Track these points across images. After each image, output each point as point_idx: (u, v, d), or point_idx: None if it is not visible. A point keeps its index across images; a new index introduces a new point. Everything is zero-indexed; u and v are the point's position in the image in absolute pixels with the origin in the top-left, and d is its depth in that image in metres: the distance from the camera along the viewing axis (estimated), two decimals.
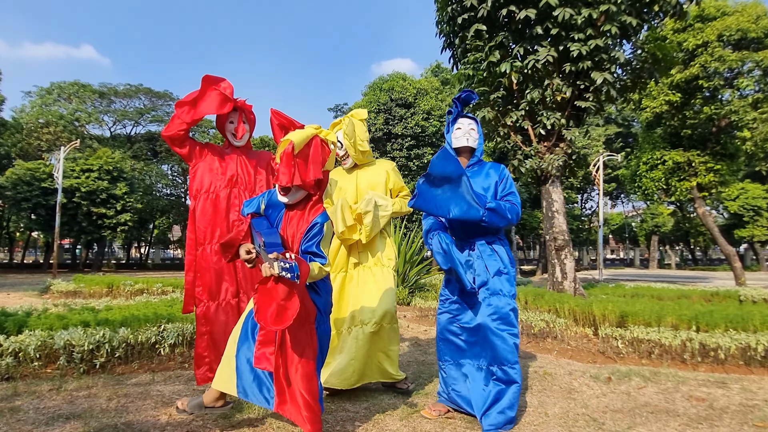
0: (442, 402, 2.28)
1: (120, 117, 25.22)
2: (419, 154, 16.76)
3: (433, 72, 25.79)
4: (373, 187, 2.57)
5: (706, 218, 11.65)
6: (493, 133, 7.24)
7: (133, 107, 25.57)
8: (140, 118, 25.84)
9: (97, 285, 7.92)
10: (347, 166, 2.63)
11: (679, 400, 2.50)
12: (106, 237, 18.61)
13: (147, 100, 25.79)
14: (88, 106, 22.99)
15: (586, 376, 2.93)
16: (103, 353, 3.02)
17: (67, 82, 22.86)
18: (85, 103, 22.79)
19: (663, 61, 6.65)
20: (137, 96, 25.17)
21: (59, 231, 14.14)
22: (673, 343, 3.45)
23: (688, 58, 10.69)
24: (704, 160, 11.44)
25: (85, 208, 17.24)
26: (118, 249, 39.09)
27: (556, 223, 6.27)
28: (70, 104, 22.23)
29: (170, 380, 2.78)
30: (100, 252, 21.70)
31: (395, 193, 2.65)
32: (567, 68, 5.89)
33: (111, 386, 2.62)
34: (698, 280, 15.24)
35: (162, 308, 4.24)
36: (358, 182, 2.60)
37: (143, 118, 25.98)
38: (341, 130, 2.54)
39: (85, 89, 22.81)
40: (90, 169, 17.54)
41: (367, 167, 2.63)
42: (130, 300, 5.84)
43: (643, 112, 12.02)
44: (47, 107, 21.93)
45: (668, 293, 6.70)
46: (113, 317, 3.54)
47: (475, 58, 6.28)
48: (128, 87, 24.55)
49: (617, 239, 41.64)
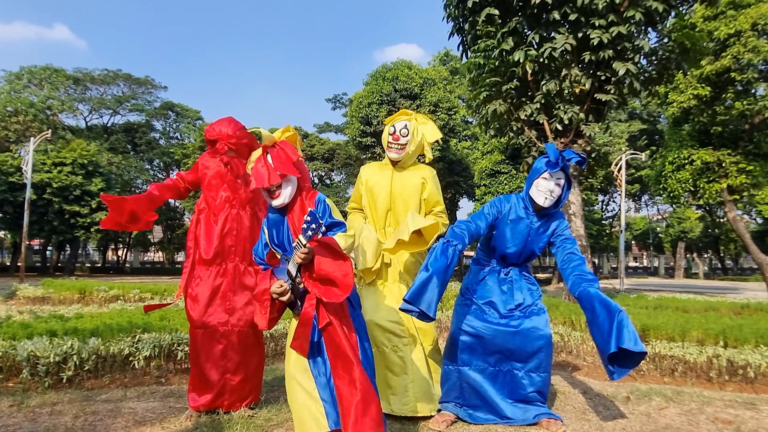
0: (449, 410, 2.33)
1: (96, 105, 25.29)
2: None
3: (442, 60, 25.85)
4: (408, 193, 2.50)
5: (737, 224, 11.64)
6: (506, 127, 7.24)
7: (111, 95, 25.64)
8: (119, 106, 25.92)
9: (68, 290, 7.92)
10: (392, 157, 2.52)
11: (703, 423, 2.49)
12: (80, 238, 18.63)
13: (126, 87, 25.87)
14: (62, 93, 23.02)
15: (602, 396, 2.92)
16: (71, 366, 3.00)
17: (38, 67, 22.90)
18: (58, 89, 22.82)
19: (692, 51, 6.65)
20: (115, 82, 25.24)
21: (28, 231, 14.15)
22: (698, 360, 3.43)
23: (719, 49, 10.70)
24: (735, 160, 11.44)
25: (57, 205, 17.24)
26: (93, 251, 39.14)
27: (573, 227, 6.27)
28: (42, 91, 22.27)
29: (144, 396, 2.76)
30: (73, 254, 21.72)
31: (429, 207, 2.55)
32: (586, 57, 5.89)
33: (78, 402, 2.61)
34: (728, 291, 15.21)
35: (138, 317, 4.23)
36: (393, 184, 2.52)
37: (122, 106, 26.06)
38: (409, 120, 2.51)
39: (58, 74, 22.84)
40: (63, 162, 17.55)
41: (405, 169, 2.57)
42: (104, 307, 5.83)
43: (670, 107, 12.03)
44: (16, 94, 21.96)
45: (694, 305, 6.68)
46: (83, 326, 3.53)
47: (486, 45, 6.28)
48: (106, 72, 24.61)
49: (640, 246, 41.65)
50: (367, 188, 2.59)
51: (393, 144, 2.51)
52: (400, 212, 2.51)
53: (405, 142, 2.49)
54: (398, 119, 2.54)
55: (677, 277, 28.14)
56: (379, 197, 2.54)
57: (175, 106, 26.76)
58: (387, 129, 2.56)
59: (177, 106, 26.72)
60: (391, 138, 2.51)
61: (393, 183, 2.53)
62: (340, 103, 28.25)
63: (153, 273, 25.69)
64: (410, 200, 2.51)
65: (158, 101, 27.01)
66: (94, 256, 38.67)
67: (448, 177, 18.57)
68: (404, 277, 2.50)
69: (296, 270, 1.80)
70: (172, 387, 3.00)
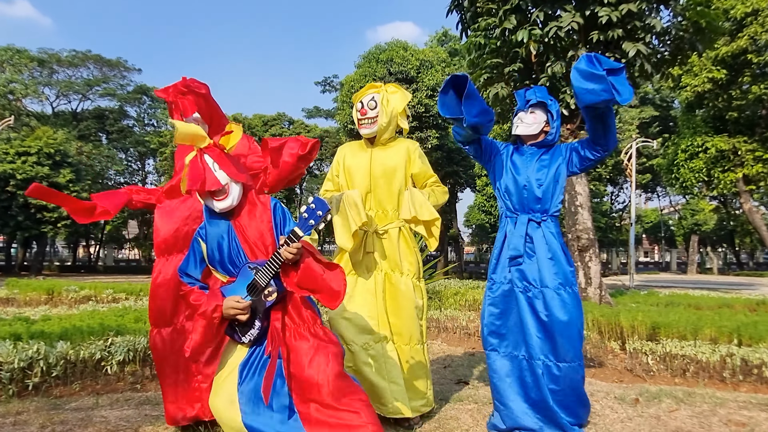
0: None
1: (64, 89, 24.92)
2: (422, 138, 16.73)
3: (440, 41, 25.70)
4: (389, 172, 2.48)
5: (753, 215, 11.78)
6: (508, 113, 7.23)
7: (79, 78, 25.27)
8: (88, 91, 25.55)
9: (34, 291, 7.85)
10: (364, 133, 2.52)
11: (715, 425, 2.53)
12: (47, 234, 18.43)
13: (96, 70, 25.50)
14: (25, 76, 22.63)
15: (610, 398, 2.95)
16: (37, 372, 2.98)
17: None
18: (21, 72, 22.43)
19: (707, 30, 6.66)
20: (85, 64, 24.87)
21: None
22: (710, 359, 3.48)
23: (735, 29, 10.74)
24: (752, 148, 11.54)
25: (22, 199, 17.02)
26: (62, 248, 38.80)
27: (580, 219, 6.30)
28: (3, 73, 21.86)
29: (118, 404, 2.75)
30: (40, 252, 21.50)
31: (422, 181, 2.56)
32: (594, 37, 5.88)
33: (45, 411, 2.59)
34: (743, 287, 15.43)
35: (110, 318, 4.21)
36: (373, 164, 2.49)
37: (92, 91, 25.69)
38: (377, 93, 2.50)
39: (21, 55, 22.44)
40: (27, 152, 17.31)
41: (385, 146, 2.55)
42: (74, 309, 5.80)
43: (683, 91, 12.09)
44: None
45: (707, 302, 6.78)
46: (51, 329, 3.51)
47: (487, 23, 6.25)
48: (74, 53, 24.23)
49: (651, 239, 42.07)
50: (345, 168, 2.55)
51: (363, 120, 2.50)
52: (382, 194, 2.49)
53: (374, 115, 2.47)
54: (365, 93, 2.53)
55: (690, 273, 28.49)
56: (356, 177, 2.51)
57: (150, 90, 26.42)
58: (355, 106, 2.55)
59: (152, 90, 26.38)
60: (359, 114, 2.50)
61: (372, 163, 2.50)
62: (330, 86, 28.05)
63: (128, 271, 25.53)
64: (393, 180, 2.48)
65: (131, 85, 26.67)
66: (64, 254, 38.33)
67: (447, 167, 18.56)
68: (382, 266, 2.47)
69: (270, 277, 1.65)
70: (148, 394, 2.99)
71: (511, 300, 2.35)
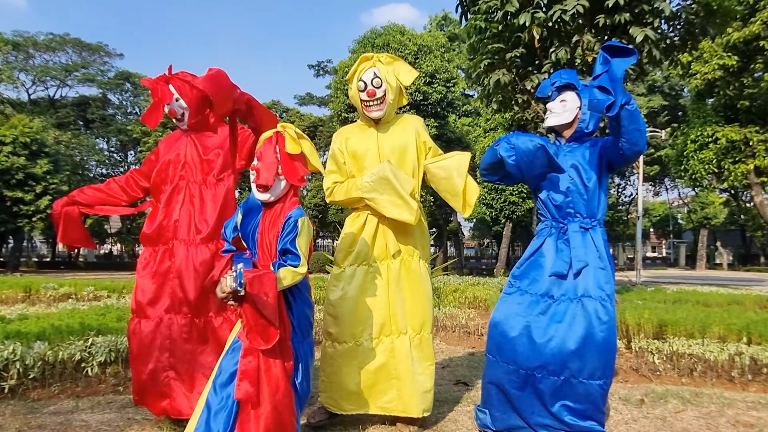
0: None
1: (41, 75, 24.62)
2: None
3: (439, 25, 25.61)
4: (401, 150, 2.39)
5: (764, 208, 11.86)
6: (510, 100, 7.22)
7: (57, 63, 24.98)
8: (67, 77, 25.26)
9: (10, 288, 7.79)
10: (374, 116, 2.40)
11: (723, 427, 2.55)
12: (24, 228, 18.30)
13: (75, 55, 25.22)
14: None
15: (614, 398, 2.97)
16: (13, 374, 2.96)
17: None
18: None
19: (718, 14, 6.65)
20: (63, 49, 24.57)
21: None
22: (719, 358, 3.51)
23: (748, 13, 10.73)
24: (764, 139, 11.59)
25: None
26: (40, 243, 38.56)
27: None
28: None
29: (99, 407, 2.74)
30: (17, 247, 21.38)
31: (424, 153, 2.50)
32: (600, 22, 5.86)
33: (22, 415, 2.58)
34: (754, 283, 15.59)
35: (91, 317, 4.18)
36: (381, 144, 2.40)
37: (71, 77, 25.41)
38: (374, 67, 2.38)
39: None
40: (2, 141, 17.12)
41: (389, 125, 2.47)
42: (52, 307, 5.75)
43: (693, 78, 12.10)
44: None
45: (717, 298, 6.84)
46: (28, 329, 3.48)
47: (488, 6, 6.22)
48: (51, 37, 23.93)
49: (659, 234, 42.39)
50: (351, 154, 2.43)
51: (370, 102, 2.36)
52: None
53: (382, 93, 2.35)
54: (363, 71, 2.38)
55: (699, 269, 28.74)
56: (365, 161, 2.41)
57: (133, 76, 26.16)
58: (355, 86, 2.40)
59: (135, 76, 26.12)
60: (365, 95, 2.36)
61: (380, 143, 2.40)
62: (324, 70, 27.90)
63: (111, 267, 25.47)
64: (405, 158, 2.40)
65: (113, 71, 26.43)
66: (42, 249, 38.13)
67: None
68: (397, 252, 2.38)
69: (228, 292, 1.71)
70: (130, 396, 2.97)
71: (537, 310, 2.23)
